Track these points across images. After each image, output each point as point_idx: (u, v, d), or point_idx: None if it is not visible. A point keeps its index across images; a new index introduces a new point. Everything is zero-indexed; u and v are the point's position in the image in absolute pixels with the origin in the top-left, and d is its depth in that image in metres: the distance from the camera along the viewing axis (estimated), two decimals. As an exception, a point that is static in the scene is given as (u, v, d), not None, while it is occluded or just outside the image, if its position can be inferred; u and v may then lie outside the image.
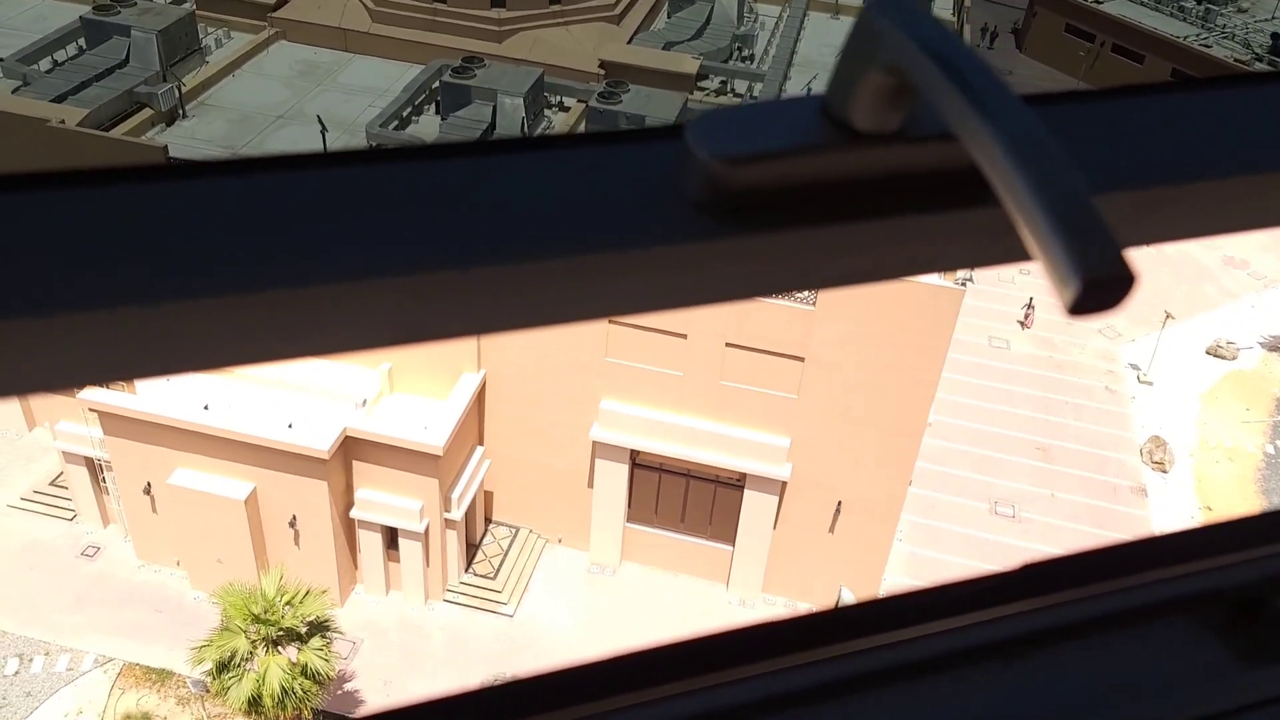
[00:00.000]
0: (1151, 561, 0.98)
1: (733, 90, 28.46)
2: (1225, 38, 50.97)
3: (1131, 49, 52.09)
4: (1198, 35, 51.08)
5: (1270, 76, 0.75)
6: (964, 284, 21.88)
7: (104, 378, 0.52)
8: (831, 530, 24.59)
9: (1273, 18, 52.24)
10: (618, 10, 30.22)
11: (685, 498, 25.41)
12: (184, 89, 25.93)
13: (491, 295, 0.56)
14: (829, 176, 0.61)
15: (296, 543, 23.52)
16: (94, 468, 25.03)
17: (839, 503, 24.18)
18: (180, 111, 25.73)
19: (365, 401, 22.68)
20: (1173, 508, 29.11)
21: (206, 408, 22.09)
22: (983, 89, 0.54)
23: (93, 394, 22.25)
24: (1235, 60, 49.27)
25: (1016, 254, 0.57)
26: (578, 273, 0.57)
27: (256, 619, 20.41)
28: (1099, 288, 0.48)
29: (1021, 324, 35.16)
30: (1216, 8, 52.27)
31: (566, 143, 0.62)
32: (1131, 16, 52.49)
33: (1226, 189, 0.67)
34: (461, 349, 23.28)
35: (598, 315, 0.59)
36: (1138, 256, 0.61)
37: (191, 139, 24.92)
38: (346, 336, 0.55)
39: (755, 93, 28.09)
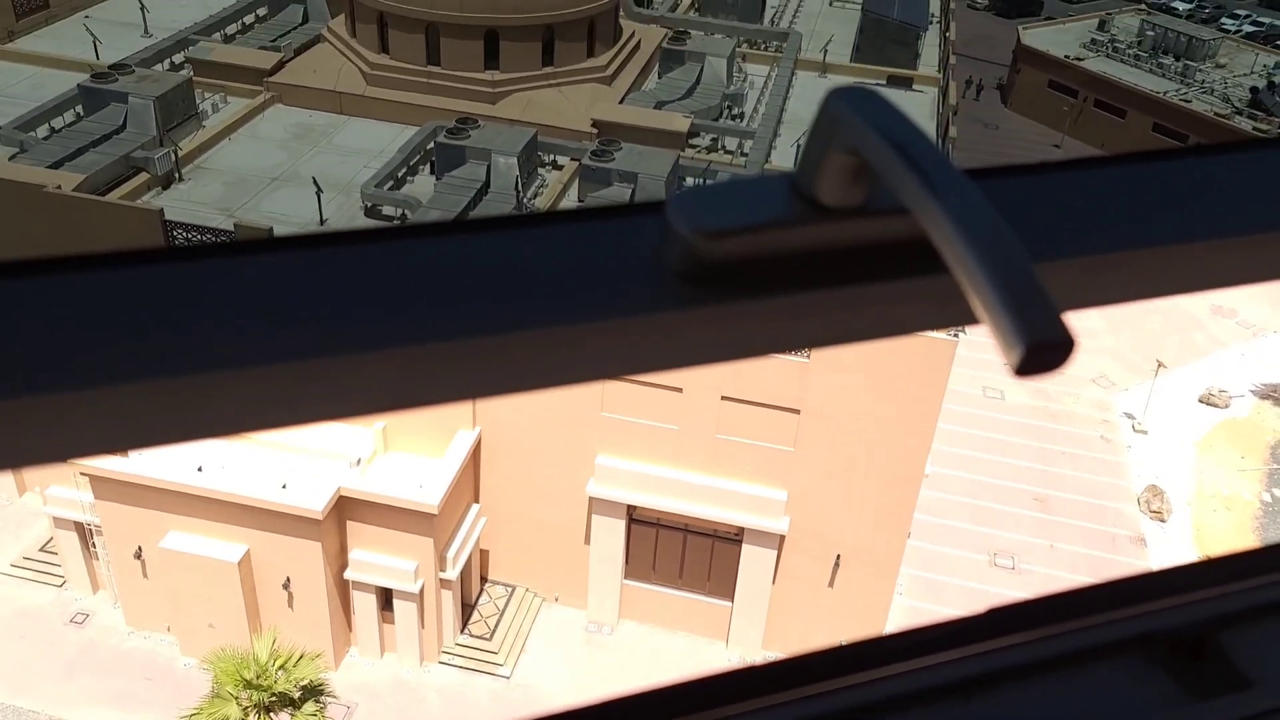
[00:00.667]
0: (1105, 604, 1.07)
1: (723, 147, 28.84)
2: (1205, 92, 51.97)
3: (1113, 104, 53.04)
4: (1177, 90, 52.06)
5: (1204, 149, 0.80)
6: (957, 335, 21.97)
7: (111, 448, 0.55)
8: (831, 584, 24.37)
9: (1250, 73, 53.33)
10: (609, 71, 30.71)
11: (683, 553, 25.20)
12: (180, 153, 26.17)
13: (489, 363, 0.60)
14: (799, 248, 0.66)
15: (290, 605, 23.20)
16: (84, 533, 24.75)
17: (838, 556, 24.00)
18: (176, 175, 25.94)
19: (360, 461, 22.55)
20: (1172, 557, 28.93)
21: (200, 469, 21.94)
22: (931, 170, 0.58)
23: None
24: (1215, 114, 50.16)
25: (970, 317, 0.59)
26: (570, 340, 0.61)
27: (249, 684, 20.06)
28: (1042, 351, 0.51)
29: None
30: (1195, 64, 53.35)
31: (556, 218, 0.67)
32: (1112, 73, 53.53)
33: (1168, 255, 0.72)
34: (457, 407, 23.18)
35: (590, 379, 0.63)
36: (1129, 306, 0.65)
37: (188, 202, 25.10)
38: (344, 405, 0.59)
39: (745, 149, 28.45)
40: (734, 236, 0.64)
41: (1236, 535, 30.06)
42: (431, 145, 26.46)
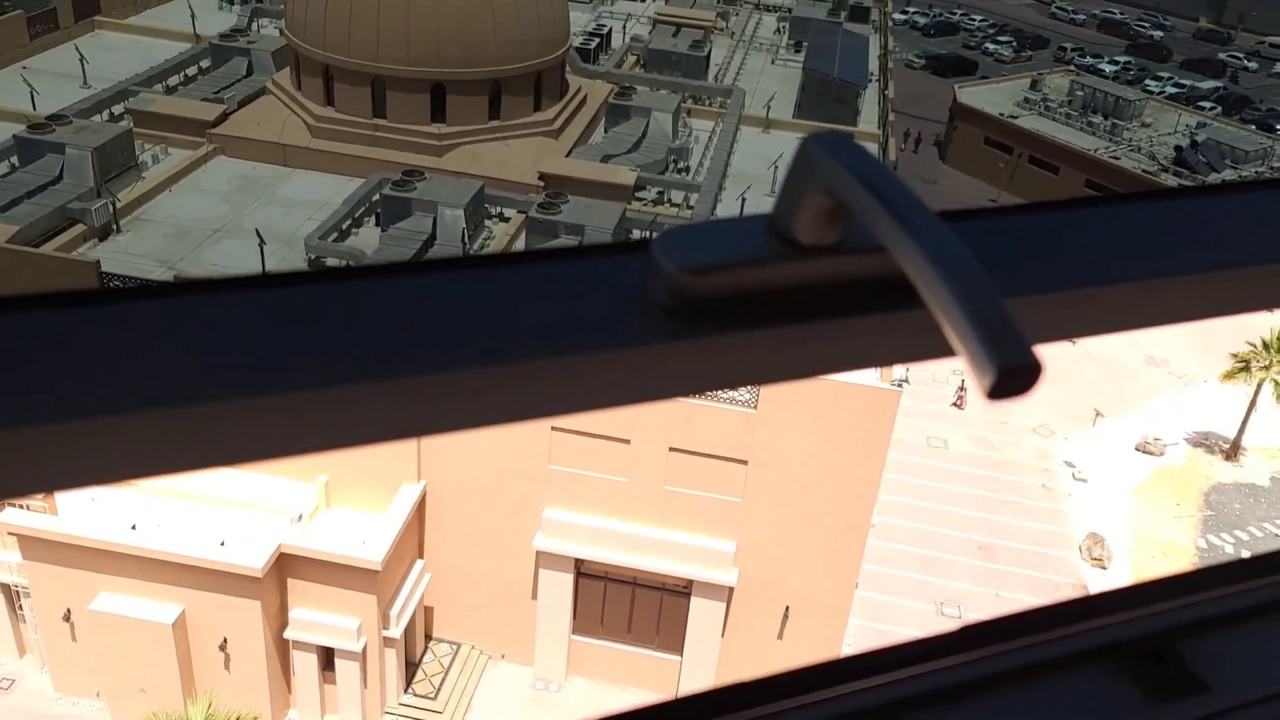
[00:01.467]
0: (1073, 618, 1.16)
1: (669, 200, 29.14)
2: (1132, 150, 53.82)
3: (1047, 161, 54.68)
4: (1107, 148, 53.86)
5: (1148, 195, 0.87)
6: (900, 385, 22.25)
7: (104, 479, 0.57)
8: (780, 636, 24.26)
9: (1174, 131, 55.39)
10: (556, 125, 30.98)
11: (631, 607, 24.95)
12: (118, 204, 25.77)
13: (483, 395, 0.63)
14: (778, 284, 0.70)
15: (227, 667, 22.50)
16: (11, 595, 23.86)
17: (786, 607, 23.93)
18: (114, 226, 25.52)
19: (301, 516, 22.09)
20: (1115, 604, 29.26)
21: (134, 527, 21.31)
22: (906, 210, 0.62)
23: (12, 517, 21.37)
24: (1143, 171, 51.92)
25: (942, 350, 0.64)
26: (561, 372, 0.64)
27: (182, 750, 19.35)
28: (1012, 375, 0.55)
29: (956, 405, 35.94)
30: (1122, 122, 55.30)
31: (547, 255, 0.70)
32: (1045, 131, 55.26)
33: (1121, 293, 0.78)
34: (401, 461, 22.91)
35: (581, 410, 0.67)
36: (1067, 357, 0.67)
37: (126, 254, 24.67)
38: (341, 435, 0.61)
39: (691, 202, 28.79)
40: (716, 273, 0.68)
41: (1175, 581, 30.56)
42: (377, 197, 26.38)
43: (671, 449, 22.24)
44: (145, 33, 37.43)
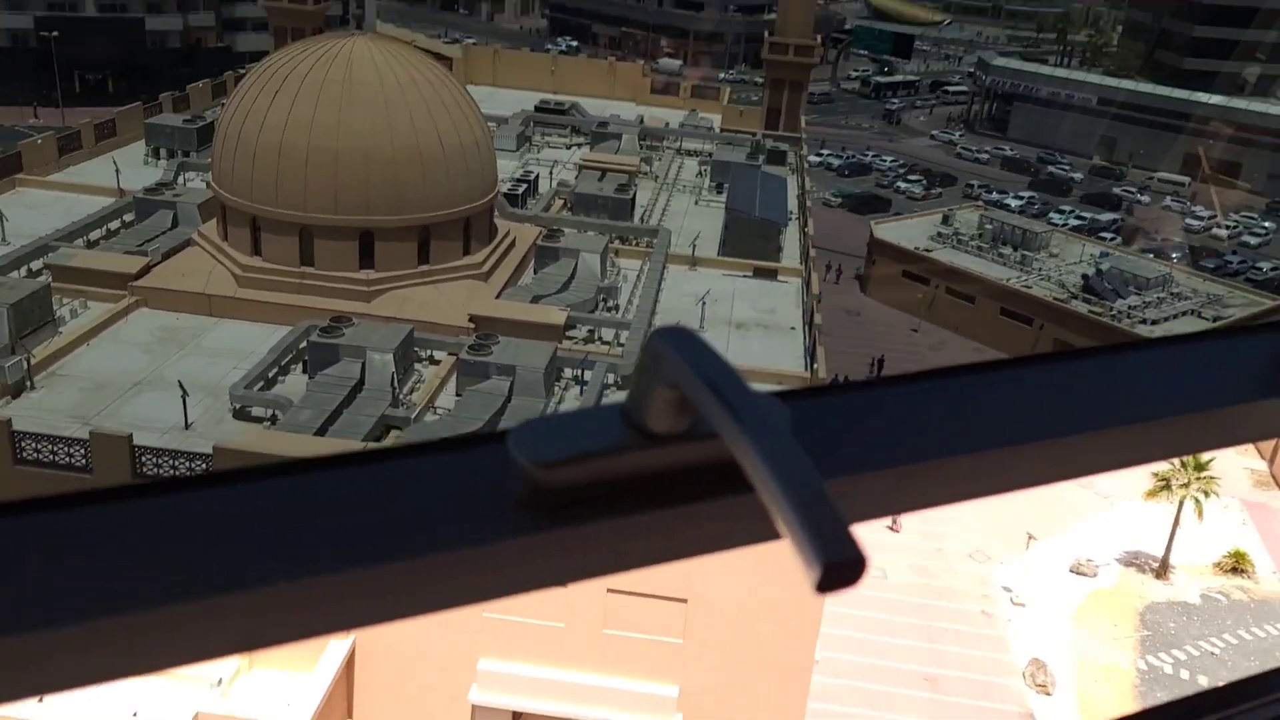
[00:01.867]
0: None
1: (600, 338, 29.40)
2: (1043, 279, 56.17)
3: (963, 291, 56.71)
4: (1019, 277, 56.14)
5: (989, 365, 0.91)
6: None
7: None
8: (729, 784, 23.35)
9: (1080, 261, 58.09)
10: (485, 268, 31.34)
11: (573, 761, 23.88)
12: (33, 360, 25.15)
13: (334, 601, 0.62)
14: (631, 472, 0.71)
15: None
16: (-101, 781, 22.00)
17: (734, 753, 23.13)
18: (28, 383, 24.83)
19: (221, 681, 20.95)
20: (1063, 731, 28.93)
21: (40, 700, 19.94)
22: (738, 404, 0.64)
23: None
24: (1055, 299, 54.11)
25: None
26: (416, 573, 0.64)
27: None
28: (837, 569, 0.57)
29: (891, 528, 35.84)
30: (1031, 253, 57.89)
31: (400, 453, 0.71)
32: (959, 263, 57.52)
33: (962, 464, 0.81)
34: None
35: (436, 609, 0.66)
36: None
37: (39, 410, 23.95)
38: (202, 649, 0.60)
39: (621, 340, 29.06)
40: (571, 465, 0.68)
41: (1120, 705, 30.39)
42: (305, 344, 26.17)
43: (609, 590, 21.76)
44: (68, 189, 37.36)
